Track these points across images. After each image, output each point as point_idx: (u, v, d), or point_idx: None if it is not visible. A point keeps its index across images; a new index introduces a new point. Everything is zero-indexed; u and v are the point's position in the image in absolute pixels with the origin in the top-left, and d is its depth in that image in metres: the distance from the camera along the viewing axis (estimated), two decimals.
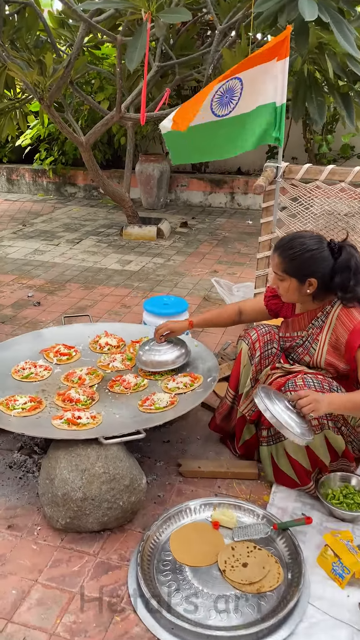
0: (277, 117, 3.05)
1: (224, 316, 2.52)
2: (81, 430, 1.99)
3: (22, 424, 2.05)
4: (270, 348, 2.29)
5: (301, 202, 3.31)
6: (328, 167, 3.08)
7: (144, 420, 2.07)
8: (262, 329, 2.30)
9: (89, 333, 2.82)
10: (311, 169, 3.10)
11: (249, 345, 2.28)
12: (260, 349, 2.27)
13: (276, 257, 2.10)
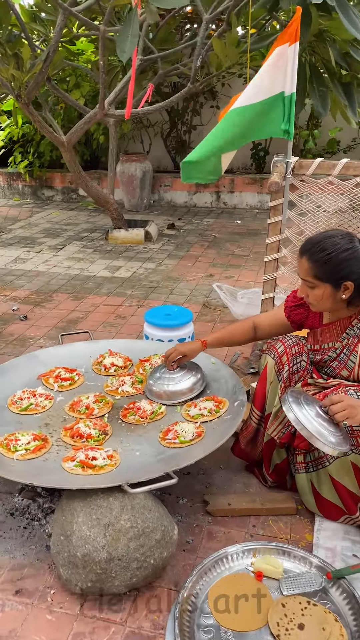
0: (285, 107, 2.80)
1: (238, 333, 2.25)
2: (99, 475, 1.70)
3: (28, 470, 1.75)
4: (299, 361, 2.03)
5: (312, 199, 3.07)
6: (342, 160, 2.84)
7: (169, 458, 1.79)
8: (288, 341, 2.05)
9: (90, 352, 2.52)
10: (323, 163, 2.86)
11: (275, 360, 2.02)
12: (289, 363, 2.01)
13: (305, 262, 1.84)
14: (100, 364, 2.43)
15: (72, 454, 1.80)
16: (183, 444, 1.84)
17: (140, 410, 2.05)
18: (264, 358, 2.08)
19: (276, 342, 2.06)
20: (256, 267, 4.75)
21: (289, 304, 2.12)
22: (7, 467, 1.74)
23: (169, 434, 1.91)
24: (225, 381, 2.23)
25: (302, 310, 2.07)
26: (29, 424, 2.03)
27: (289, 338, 2.06)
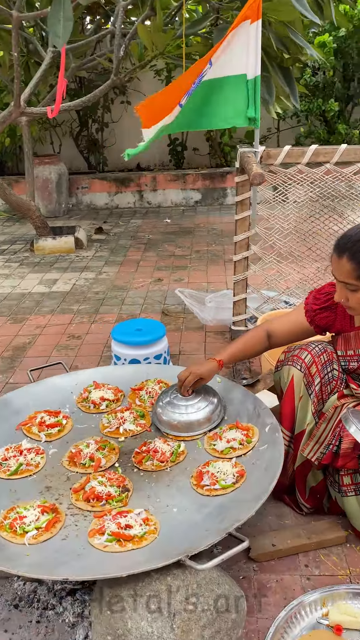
0: (249, 92, 2.57)
1: (251, 345, 1.98)
2: (142, 549, 1.36)
3: (48, 557, 1.37)
4: (330, 370, 1.81)
5: (281, 190, 2.88)
6: (312, 147, 2.67)
7: (219, 511, 1.49)
8: (314, 348, 1.82)
9: (70, 388, 2.15)
10: (292, 151, 2.67)
11: (303, 372, 1.78)
12: (319, 374, 1.78)
13: (346, 262, 1.61)
14: (86, 401, 2.07)
15: (96, 525, 1.45)
16: (227, 489, 1.55)
17: (158, 453, 1.73)
18: (287, 370, 1.83)
19: (300, 351, 1.82)
20: (203, 267, 4.52)
21: (312, 307, 1.88)
22: (20, 558, 1.35)
23: (204, 478, 1.60)
24: (240, 402, 1.96)
25: (328, 314, 1.85)
26: (26, 491, 1.63)
27: (314, 345, 1.83)
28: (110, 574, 1.25)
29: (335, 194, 2.86)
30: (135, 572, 1.25)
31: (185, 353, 3.10)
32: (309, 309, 1.91)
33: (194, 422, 1.84)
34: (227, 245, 5.09)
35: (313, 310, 1.88)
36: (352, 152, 2.70)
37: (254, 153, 2.66)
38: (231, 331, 3.17)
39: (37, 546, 1.40)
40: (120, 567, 1.29)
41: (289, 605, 1.50)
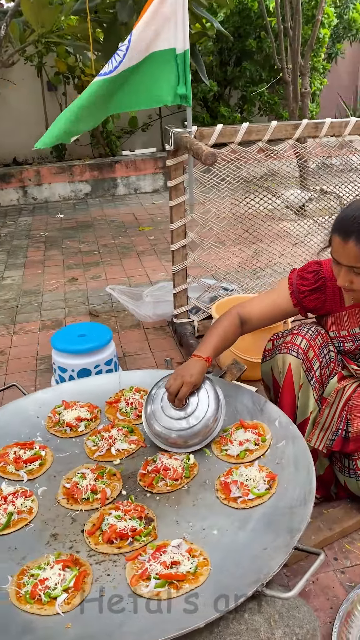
0: (179, 67, 2.40)
1: (231, 333, 1.82)
2: (200, 587, 1.17)
3: (92, 625, 1.11)
4: (327, 353, 1.74)
5: (215, 172, 2.76)
6: (244, 125, 2.58)
7: (263, 522, 1.33)
8: (308, 332, 1.72)
9: (33, 412, 1.86)
10: (225, 130, 2.56)
11: (300, 358, 1.68)
12: (318, 358, 1.70)
13: (353, 246, 1.50)
14: (60, 424, 1.79)
15: (135, 569, 1.23)
16: (263, 497, 1.40)
17: (169, 471, 1.53)
18: (281, 359, 1.72)
19: (293, 337, 1.71)
20: (116, 261, 4.29)
21: (299, 288, 1.77)
22: (61, 635, 1.09)
23: (232, 489, 1.44)
24: (234, 398, 1.81)
25: (318, 295, 1.75)
26: (30, 546, 1.35)
27: (307, 328, 1.74)
28: (187, 627, 1.04)
29: (269, 173, 2.81)
30: (213, 618, 1.05)
31: (130, 354, 2.88)
32: (295, 290, 1.79)
33: (199, 431, 1.65)
34: (133, 237, 4.90)
35: (301, 292, 1.78)
36: (283, 129, 2.65)
37: (189, 133, 2.50)
38: (173, 324, 3.01)
39: (74, 613, 1.14)
40: (186, 615, 1.09)
41: (340, 608, 1.40)
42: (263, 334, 2.37)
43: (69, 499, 1.49)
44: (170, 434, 1.65)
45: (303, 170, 3.76)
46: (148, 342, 3.00)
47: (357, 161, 3.02)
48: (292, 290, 1.80)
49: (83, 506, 1.46)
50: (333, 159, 3.05)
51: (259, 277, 3.01)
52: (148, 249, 4.59)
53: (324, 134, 2.70)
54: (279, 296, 1.84)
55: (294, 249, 3.02)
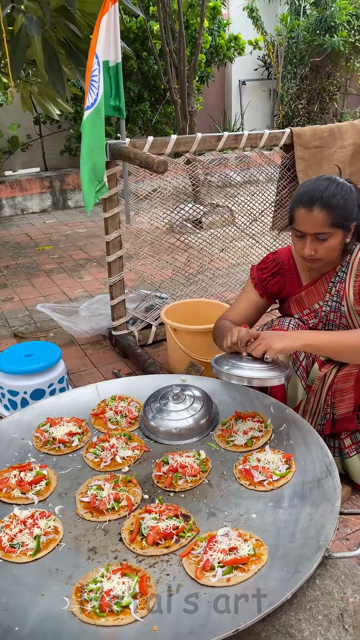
0: (112, 80, 2.44)
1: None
2: (264, 565, 1.20)
3: (182, 623, 1.09)
4: None
5: (148, 182, 2.81)
6: (172, 137, 2.68)
7: (297, 498, 1.40)
8: (289, 325, 1.85)
9: (16, 434, 1.75)
10: (155, 142, 2.65)
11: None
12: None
13: (318, 212, 1.67)
14: (51, 442, 1.70)
15: (194, 564, 1.23)
16: (287, 476, 1.47)
17: (187, 468, 1.54)
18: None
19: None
20: (25, 282, 4.13)
21: (260, 277, 1.94)
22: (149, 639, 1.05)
23: (255, 474, 1.49)
24: (220, 392, 1.87)
25: (278, 278, 1.95)
26: (72, 564, 1.27)
27: (288, 322, 1.86)
28: (276, 602, 1.07)
29: (196, 183, 2.93)
30: (298, 586, 1.10)
31: (74, 372, 2.80)
32: (257, 282, 1.95)
33: (191, 426, 1.69)
34: (35, 257, 4.76)
35: (263, 279, 1.94)
36: (207, 141, 2.79)
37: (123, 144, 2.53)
38: (111, 337, 2.98)
39: (152, 616, 1.11)
40: (274, 589, 1.12)
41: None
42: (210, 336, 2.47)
43: (93, 511, 1.43)
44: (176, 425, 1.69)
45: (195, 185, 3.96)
46: (88, 358, 2.94)
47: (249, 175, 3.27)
48: (255, 283, 1.96)
49: (110, 516, 1.41)
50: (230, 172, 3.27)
51: (192, 282, 3.10)
52: (56, 267, 4.48)
53: (243, 145, 2.89)
54: (248, 294, 1.98)
55: (221, 254, 3.17)
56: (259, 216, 3.20)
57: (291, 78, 7.89)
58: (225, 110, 8.18)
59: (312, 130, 3.08)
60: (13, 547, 1.30)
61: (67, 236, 5.43)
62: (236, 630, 1.04)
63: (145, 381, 2.00)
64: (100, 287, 3.97)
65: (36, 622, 1.11)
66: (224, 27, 6.82)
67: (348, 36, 7.59)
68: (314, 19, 7.57)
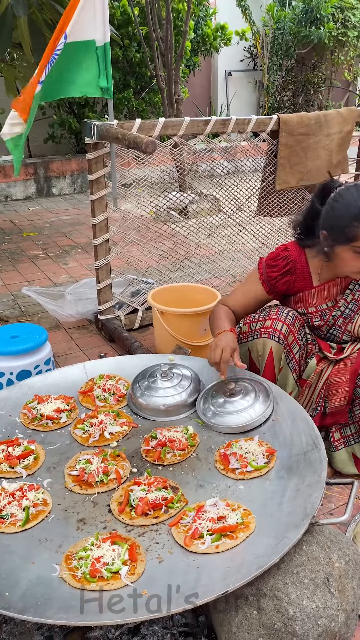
0: (99, 60, 2.42)
1: (231, 316, 1.92)
2: (252, 532, 1.22)
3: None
4: (304, 336, 1.88)
5: (134, 171, 2.81)
6: (160, 120, 2.67)
7: (285, 470, 1.42)
8: (287, 317, 1.82)
9: (4, 410, 1.76)
10: (144, 124, 2.64)
11: (282, 343, 1.79)
12: (297, 342, 1.83)
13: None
14: (39, 419, 1.71)
15: (183, 532, 1.24)
16: (261, 470, 1.44)
17: (175, 442, 1.55)
18: (262, 343, 1.81)
19: (274, 322, 1.81)
20: (9, 267, 4.10)
21: (270, 275, 1.88)
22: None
23: (232, 461, 1.47)
24: (208, 371, 1.88)
25: (288, 277, 1.88)
26: (62, 534, 1.28)
27: (285, 313, 1.83)
28: (266, 564, 1.09)
29: (182, 170, 2.93)
30: (286, 550, 1.12)
31: (60, 355, 2.80)
32: (266, 279, 1.90)
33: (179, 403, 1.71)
34: (19, 243, 4.72)
35: (272, 278, 1.89)
36: (195, 125, 2.79)
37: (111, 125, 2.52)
38: (97, 321, 2.98)
39: (144, 580, 1.13)
40: (262, 555, 1.14)
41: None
42: (197, 319, 2.49)
43: (81, 484, 1.44)
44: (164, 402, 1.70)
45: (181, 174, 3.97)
46: (74, 342, 2.93)
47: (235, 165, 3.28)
48: (263, 280, 1.90)
49: (99, 489, 1.43)
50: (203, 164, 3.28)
51: (178, 269, 3.11)
52: (40, 253, 4.45)
53: (231, 129, 2.89)
54: (253, 286, 1.93)
55: (208, 240, 3.18)
56: (245, 202, 3.22)
57: (277, 70, 7.91)
58: (211, 100, 8.17)
59: (298, 117, 3.10)
60: (2, 517, 1.31)
61: (51, 223, 5.39)
62: (225, 592, 1.06)
63: (133, 360, 2.01)
64: (85, 272, 3.95)
65: (26, 588, 1.12)
66: (210, 16, 6.81)
67: (333, 29, 7.63)
68: (299, 10, 7.59)
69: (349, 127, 3.31)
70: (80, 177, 6.58)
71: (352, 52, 8.21)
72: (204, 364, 1.91)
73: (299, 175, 3.18)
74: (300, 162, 3.15)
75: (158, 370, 1.80)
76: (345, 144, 3.33)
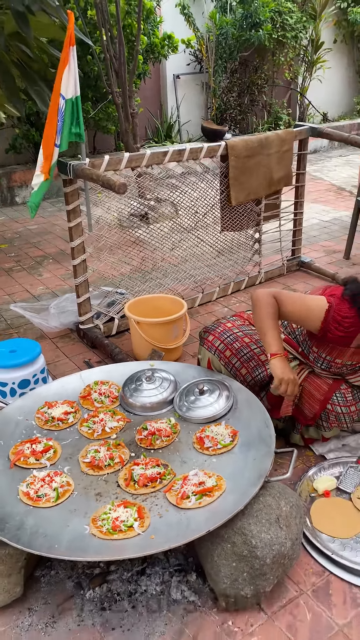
0: (73, 110, 2.83)
1: (277, 320, 2.07)
2: (225, 491, 1.71)
3: (171, 531, 1.59)
4: (247, 352, 2.31)
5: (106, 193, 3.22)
6: (125, 155, 3.09)
7: (244, 445, 1.92)
8: (227, 338, 2.30)
9: (20, 416, 2.18)
10: (111, 159, 3.06)
11: (218, 356, 2.29)
12: (237, 356, 2.30)
13: None
14: (51, 421, 2.14)
15: (175, 495, 1.72)
16: (228, 447, 1.94)
17: (162, 431, 2.02)
18: (203, 352, 2.32)
19: (214, 339, 2.31)
20: None
21: (335, 331, 1.99)
22: (149, 543, 1.54)
23: (206, 442, 1.95)
24: (182, 373, 2.35)
25: (345, 339, 2.02)
26: (86, 505, 1.74)
27: (227, 336, 2.30)
28: (235, 510, 1.59)
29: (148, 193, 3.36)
30: (248, 500, 1.61)
31: (50, 362, 3.21)
32: (326, 326, 1.99)
33: (161, 400, 2.18)
34: None
35: (331, 331, 2.00)
36: (155, 157, 3.23)
37: (85, 164, 2.93)
38: (79, 330, 3.40)
39: (150, 530, 1.60)
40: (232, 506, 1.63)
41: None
42: (168, 327, 2.96)
43: (94, 468, 1.90)
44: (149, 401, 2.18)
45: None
46: (60, 350, 3.35)
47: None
48: (324, 326, 2.00)
49: (108, 470, 1.89)
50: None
51: (147, 280, 3.56)
52: (15, 265, 4.79)
53: (186, 157, 3.34)
54: (311, 315, 2.03)
55: (171, 253, 3.63)
56: (202, 218, 3.68)
57: (222, 72, 8.35)
58: (162, 103, 8.54)
59: (243, 141, 3.57)
60: (39, 497, 1.75)
61: (19, 233, 5.71)
62: (207, 531, 1.55)
63: (120, 368, 2.46)
64: (59, 283, 4.34)
65: (68, 542, 1.58)
66: (157, 26, 7.16)
67: (272, 31, 8.11)
68: (239, 15, 8.03)
69: (287, 146, 3.81)
70: None
71: (291, 53, 8.73)
72: (179, 368, 2.38)
73: (247, 192, 3.66)
74: (247, 180, 3.63)
75: (143, 375, 2.26)
76: (285, 161, 3.83)
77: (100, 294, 3.44)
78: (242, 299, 3.89)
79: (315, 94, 9.65)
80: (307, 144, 4.06)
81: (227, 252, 3.85)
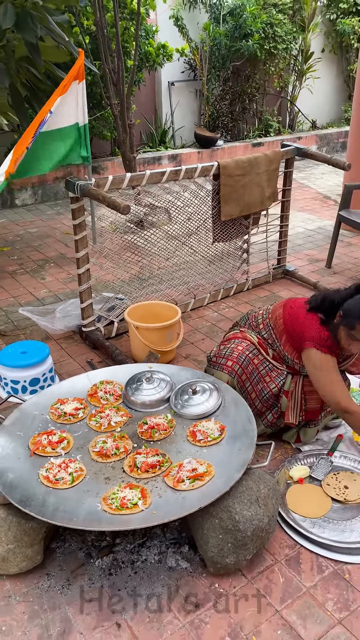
0: (81, 136, 3.14)
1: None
2: (214, 477, 2.05)
3: (171, 507, 1.92)
4: (257, 374, 2.62)
5: (105, 211, 3.53)
6: (127, 175, 3.41)
7: (231, 438, 2.26)
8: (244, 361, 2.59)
9: (38, 411, 2.49)
10: (115, 179, 3.37)
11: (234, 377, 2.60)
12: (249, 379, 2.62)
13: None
14: (63, 416, 2.46)
15: (172, 478, 2.05)
16: (217, 439, 2.26)
17: (160, 425, 2.35)
18: (219, 375, 2.63)
19: (234, 364, 2.59)
20: None
21: (327, 343, 2.37)
22: (151, 517, 1.88)
23: (198, 435, 2.28)
24: (178, 375, 2.68)
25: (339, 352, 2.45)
26: (96, 487, 2.06)
27: (243, 359, 2.59)
28: (223, 490, 1.93)
29: (146, 211, 3.68)
30: (233, 483, 1.95)
31: (56, 362, 3.52)
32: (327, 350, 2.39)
33: (159, 399, 2.51)
34: None
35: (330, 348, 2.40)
36: (154, 177, 3.54)
37: (91, 184, 3.24)
38: (82, 333, 3.71)
39: (152, 507, 1.94)
40: (219, 488, 1.96)
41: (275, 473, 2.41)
42: (164, 331, 3.28)
43: (102, 457, 2.22)
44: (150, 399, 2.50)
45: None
46: (64, 350, 3.66)
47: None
48: (325, 352, 2.39)
49: (114, 458, 2.21)
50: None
51: (145, 286, 3.88)
52: (18, 268, 5.09)
53: (182, 177, 3.66)
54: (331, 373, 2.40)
55: (167, 262, 3.95)
56: (195, 231, 4.01)
57: (215, 80, 8.66)
58: (157, 108, 8.83)
59: (235, 162, 3.90)
60: (57, 480, 2.08)
61: (20, 236, 5.99)
62: (199, 507, 1.89)
63: (122, 369, 2.78)
64: (62, 287, 4.65)
65: (84, 516, 1.90)
66: (152, 35, 7.45)
67: (264, 43, 8.43)
68: (231, 26, 8.34)
69: (274, 165, 4.14)
70: (40, 188, 7.16)
71: (281, 63, 9.06)
72: (175, 371, 2.71)
73: (239, 208, 3.99)
74: (239, 197, 3.96)
75: (143, 376, 2.59)
76: (273, 179, 4.16)
77: (102, 299, 3.75)
78: (231, 304, 4.23)
79: (304, 102, 10.00)
80: (293, 163, 4.39)
81: (218, 261, 4.18)
